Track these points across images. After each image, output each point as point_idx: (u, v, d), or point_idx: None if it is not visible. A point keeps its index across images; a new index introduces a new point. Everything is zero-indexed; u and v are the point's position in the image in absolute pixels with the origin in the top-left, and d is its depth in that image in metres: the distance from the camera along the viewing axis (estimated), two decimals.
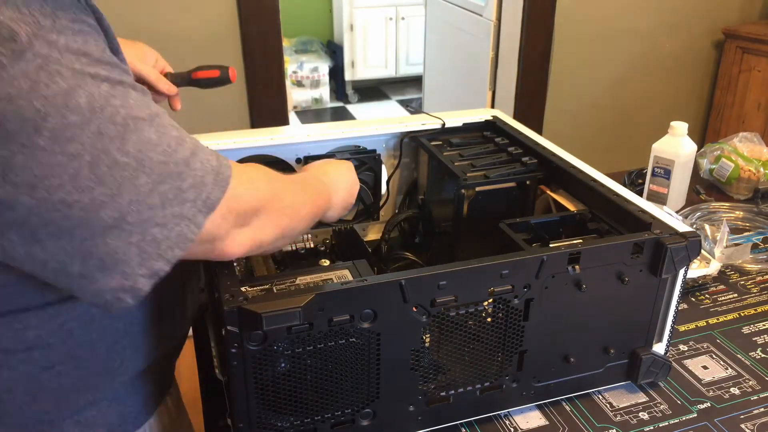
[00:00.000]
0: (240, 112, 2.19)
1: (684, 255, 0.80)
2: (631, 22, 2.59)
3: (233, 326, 0.65)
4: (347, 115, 4.69)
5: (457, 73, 3.19)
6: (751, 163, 1.43)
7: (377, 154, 1.11)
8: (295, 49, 4.75)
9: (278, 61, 2.17)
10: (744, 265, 1.18)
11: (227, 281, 0.69)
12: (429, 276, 0.71)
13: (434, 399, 0.79)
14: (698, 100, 2.88)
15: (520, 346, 0.80)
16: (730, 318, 1.05)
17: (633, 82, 2.71)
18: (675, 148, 1.32)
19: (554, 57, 2.53)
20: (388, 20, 4.63)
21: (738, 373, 0.93)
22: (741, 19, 2.75)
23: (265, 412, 0.71)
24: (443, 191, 1.07)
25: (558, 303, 0.79)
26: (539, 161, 1.03)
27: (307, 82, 4.67)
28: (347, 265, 0.79)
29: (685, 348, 0.98)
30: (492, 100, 2.82)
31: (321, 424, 0.74)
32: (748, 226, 1.33)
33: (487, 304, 0.76)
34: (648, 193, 1.38)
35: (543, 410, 0.86)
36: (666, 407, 0.86)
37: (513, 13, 2.55)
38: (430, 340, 0.76)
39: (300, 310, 0.65)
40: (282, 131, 1.10)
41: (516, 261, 0.75)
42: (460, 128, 1.16)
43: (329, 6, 4.88)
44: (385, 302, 0.70)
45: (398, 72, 4.85)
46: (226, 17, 2.07)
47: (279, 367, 0.69)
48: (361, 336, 0.71)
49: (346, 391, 0.74)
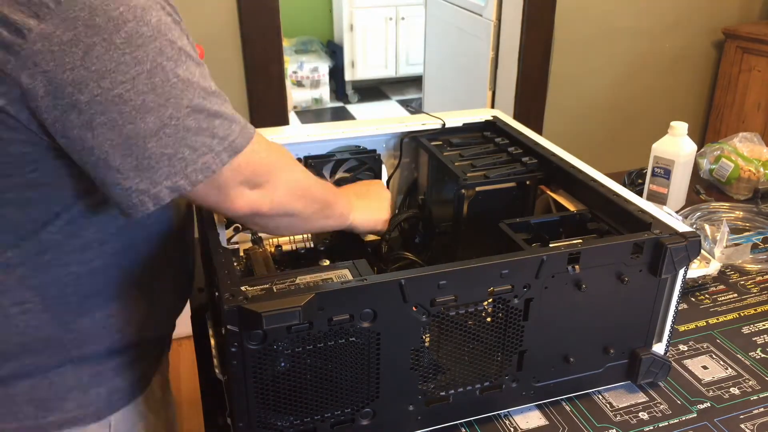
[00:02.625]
0: (240, 112, 2.18)
1: (684, 255, 0.80)
2: (631, 22, 2.59)
3: (233, 325, 0.65)
4: (347, 115, 4.69)
5: (457, 73, 3.19)
6: (751, 163, 1.43)
7: (377, 154, 1.11)
8: (295, 49, 4.75)
9: (278, 61, 2.17)
10: (744, 265, 1.18)
11: (227, 280, 0.69)
12: (429, 276, 0.71)
13: (434, 399, 0.79)
14: (698, 100, 2.88)
15: (519, 345, 0.80)
16: (730, 318, 1.05)
17: (633, 82, 2.71)
18: (675, 148, 1.32)
19: (554, 57, 2.53)
20: (388, 20, 4.63)
21: (738, 373, 0.93)
22: (741, 19, 2.75)
23: (265, 411, 0.71)
24: (443, 191, 1.07)
25: (558, 303, 0.79)
26: (539, 161, 1.03)
27: (307, 82, 4.67)
28: (347, 265, 0.79)
29: (685, 348, 0.98)
30: (492, 100, 2.82)
31: (321, 424, 0.74)
32: (748, 226, 1.33)
33: (486, 303, 0.76)
34: (648, 193, 1.38)
35: (543, 410, 0.86)
36: (666, 407, 0.86)
37: (513, 13, 2.55)
38: (429, 339, 0.76)
39: (300, 310, 0.65)
40: (282, 131, 1.10)
41: (516, 261, 0.75)
42: (460, 128, 1.16)
43: (329, 6, 4.88)
44: (385, 302, 0.70)
45: (398, 72, 4.85)
46: (226, 17, 2.07)
47: (279, 366, 0.69)
48: (361, 335, 0.71)
49: (346, 390, 0.74)
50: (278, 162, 0.78)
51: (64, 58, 0.60)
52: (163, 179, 0.66)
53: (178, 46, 0.65)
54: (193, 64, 0.67)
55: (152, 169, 0.65)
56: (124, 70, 0.61)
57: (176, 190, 0.67)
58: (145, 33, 0.62)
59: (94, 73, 0.61)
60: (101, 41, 0.60)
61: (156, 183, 0.66)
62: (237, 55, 2.13)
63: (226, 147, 0.68)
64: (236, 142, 0.69)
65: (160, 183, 0.66)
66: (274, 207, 0.78)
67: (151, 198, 0.66)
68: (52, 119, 0.63)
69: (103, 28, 0.60)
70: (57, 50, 0.59)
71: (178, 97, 0.64)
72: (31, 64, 0.60)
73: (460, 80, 3.15)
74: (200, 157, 0.67)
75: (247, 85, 2.17)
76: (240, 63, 2.13)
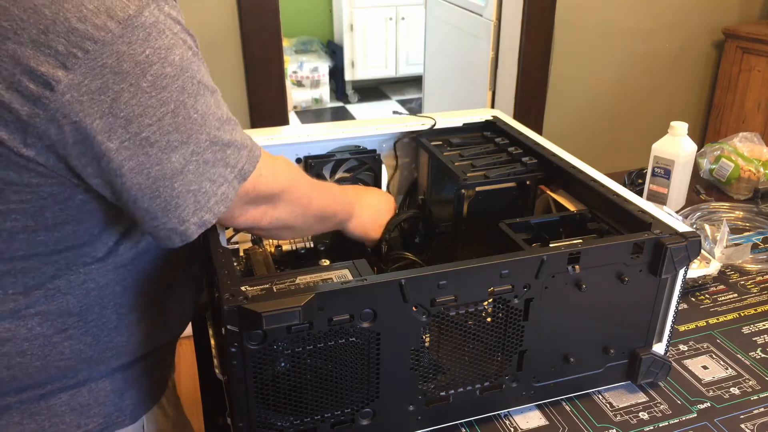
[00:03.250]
0: (240, 111, 2.19)
1: (684, 255, 0.80)
2: (631, 22, 2.59)
3: (233, 325, 0.65)
4: (347, 115, 4.69)
5: (457, 73, 3.19)
6: (751, 163, 1.43)
7: (377, 154, 1.11)
8: (295, 49, 4.75)
9: (278, 60, 2.17)
10: (744, 265, 1.18)
11: (227, 280, 0.69)
12: (429, 276, 0.71)
13: (434, 399, 0.79)
14: (698, 100, 2.88)
15: (519, 345, 0.80)
16: (730, 318, 1.05)
17: (633, 82, 2.71)
18: (675, 148, 1.32)
19: (554, 57, 2.53)
20: (388, 20, 4.63)
21: (738, 373, 0.93)
22: (741, 19, 2.75)
23: (265, 411, 0.71)
24: (443, 191, 1.07)
25: (558, 303, 0.79)
26: (539, 161, 1.03)
27: (307, 82, 4.67)
28: (347, 265, 0.79)
29: (685, 348, 0.98)
30: (492, 100, 2.82)
31: (321, 424, 0.74)
32: (748, 226, 1.33)
33: (486, 303, 0.76)
34: (648, 193, 1.38)
35: (543, 410, 0.86)
36: (666, 407, 0.86)
37: (513, 13, 2.55)
38: (429, 339, 0.76)
39: (300, 310, 0.65)
40: (282, 131, 1.10)
41: (516, 261, 0.75)
42: (460, 128, 1.16)
43: (329, 6, 4.88)
44: (385, 302, 0.70)
45: (398, 72, 4.85)
46: (226, 17, 2.07)
47: (279, 366, 0.69)
48: (361, 335, 0.71)
49: (346, 390, 0.74)
50: (283, 184, 0.79)
51: (93, 107, 0.60)
52: (190, 216, 0.68)
53: (197, 80, 0.65)
54: (208, 94, 0.67)
55: (180, 208, 0.67)
56: (150, 113, 0.62)
57: (203, 225, 0.69)
58: (170, 73, 0.62)
59: (122, 119, 0.61)
60: (128, 87, 0.60)
61: (184, 221, 0.68)
62: (237, 55, 2.12)
63: (236, 175, 0.70)
64: (245, 168, 0.71)
65: (187, 220, 0.68)
66: (273, 222, 0.80)
67: (179, 235, 0.69)
68: (82, 165, 0.63)
69: (131, 74, 0.60)
70: (86, 100, 0.59)
71: (198, 132, 0.65)
72: (60, 116, 0.59)
73: (460, 80, 3.15)
74: (218, 188, 0.69)
75: (247, 85, 2.17)
76: (240, 63, 2.13)
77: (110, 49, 0.59)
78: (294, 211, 0.83)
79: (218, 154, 0.67)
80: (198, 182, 0.67)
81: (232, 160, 0.69)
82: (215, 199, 0.68)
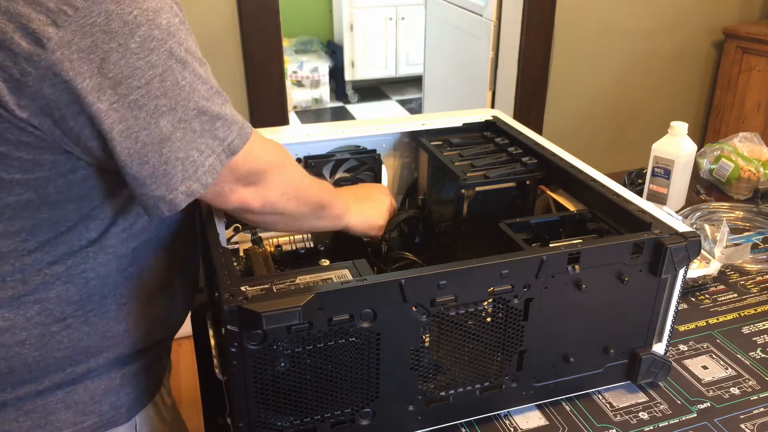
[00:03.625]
0: (240, 112, 2.17)
1: (684, 255, 0.80)
2: (631, 22, 2.59)
3: (233, 325, 0.65)
4: (347, 115, 4.69)
5: (457, 73, 3.19)
6: (751, 163, 1.43)
7: (377, 154, 1.11)
8: (295, 49, 4.75)
9: (278, 60, 2.17)
10: (744, 265, 1.18)
11: (227, 280, 0.69)
12: (429, 276, 0.71)
13: (434, 399, 0.79)
14: (698, 100, 2.88)
15: (519, 345, 0.80)
16: (730, 318, 1.05)
17: (633, 82, 2.71)
18: (675, 148, 1.32)
19: (554, 57, 2.53)
20: (388, 20, 4.63)
21: (738, 373, 0.93)
22: (741, 19, 2.75)
23: (265, 411, 0.71)
24: (443, 191, 1.07)
25: (558, 303, 0.79)
26: (539, 161, 1.03)
27: (307, 82, 4.67)
28: (347, 265, 0.79)
29: (685, 348, 0.98)
30: (492, 100, 2.82)
31: (321, 424, 0.74)
32: (748, 226, 1.33)
33: (486, 303, 0.76)
34: (648, 193, 1.38)
35: (543, 410, 0.86)
36: (666, 407, 0.86)
37: (513, 13, 2.55)
38: (429, 339, 0.76)
39: (300, 310, 0.65)
40: (282, 131, 1.10)
41: (516, 261, 0.75)
42: (460, 128, 1.16)
43: (329, 6, 4.87)
44: (385, 302, 0.70)
45: (398, 72, 4.85)
46: (226, 16, 2.07)
47: (279, 366, 0.69)
48: (361, 335, 0.71)
49: (346, 390, 0.74)
50: (273, 162, 0.79)
51: (83, 66, 0.60)
52: (179, 184, 0.67)
53: (185, 47, 0.66)
54: (197, 64, 0.67)
55: (168, 176, 0.66)
56: (138, 75, 0.62)
57: (191, 194, 0.69)
58: (157, 36, 0.63)
59: (110, 80, 0.61)
60: (117, 47, 0.61)
61: (172, 189, 0.67)
62: (237, 55, 2.12)
63: (224, 148, 0.70)
64: (234, 143, 0.71)
65: (176, 189, 0.67)
66: (265, 205, 0.79)
67: (167, 203, 0.68)
68: (79, 126, 0.63)
69: (119, 33, 0.60)
70: (76, 58, 0.60)
71: (186, 99, 0.65)
72: (51, 74, 0.60)
73: (460, 80, 3.14)
74: (206, 159, 0.68)
75: (247, 85, 2.17)
76: (240, 63, 2.13)
77: (99, 8, 0.59)
78: (286, 194, 0.82)
79: (206, 125, 0.67)
80: (185, 150, 0.66)
81: (221, 134, 0.69)
82: (203, 170, 0.68)
